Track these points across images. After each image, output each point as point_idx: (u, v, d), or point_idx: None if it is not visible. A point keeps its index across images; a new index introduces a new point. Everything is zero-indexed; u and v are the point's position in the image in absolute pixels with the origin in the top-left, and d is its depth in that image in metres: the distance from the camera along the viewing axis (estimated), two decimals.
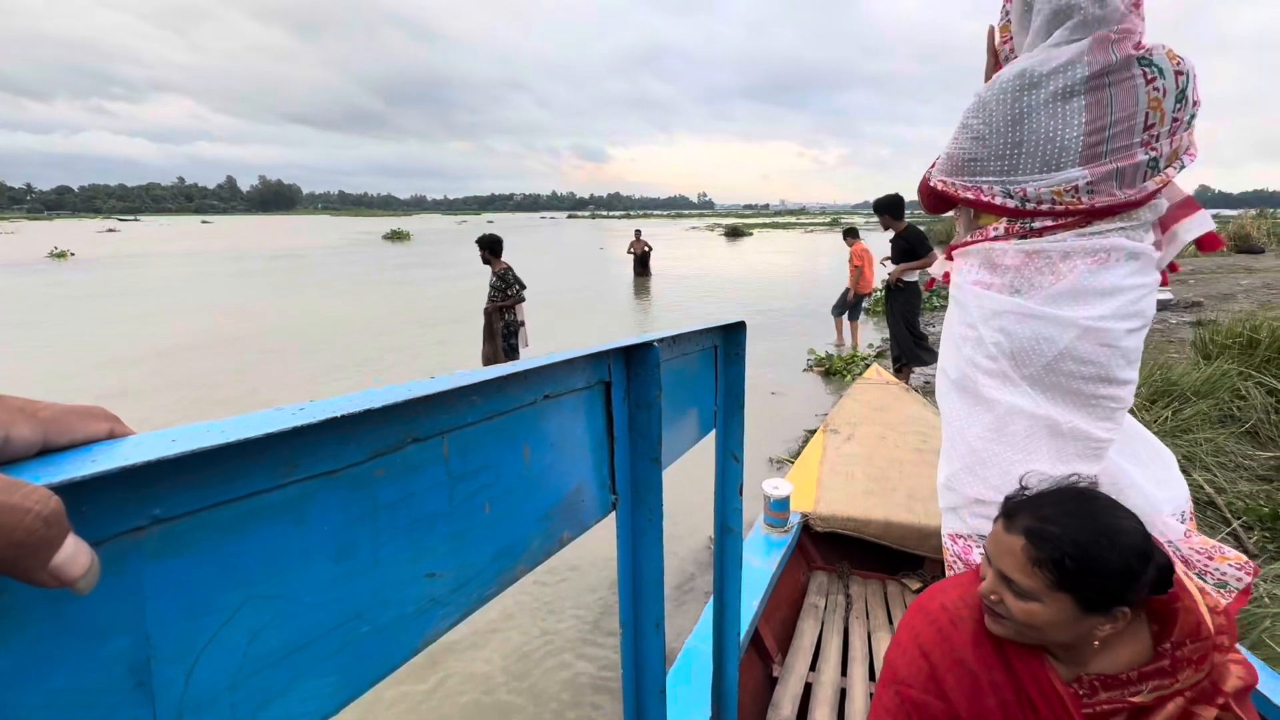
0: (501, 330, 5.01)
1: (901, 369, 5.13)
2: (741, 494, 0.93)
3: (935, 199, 1.46)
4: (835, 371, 5.74)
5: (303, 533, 0.30)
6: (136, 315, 9.31)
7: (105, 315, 9.32)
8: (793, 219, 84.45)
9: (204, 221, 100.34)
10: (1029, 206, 1.28)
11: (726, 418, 0.91)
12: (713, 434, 0.89)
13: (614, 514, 0.62)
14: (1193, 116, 1.27)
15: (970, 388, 1.38)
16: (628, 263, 13.85)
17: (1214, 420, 3.37)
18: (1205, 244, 1.36)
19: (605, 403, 0.59)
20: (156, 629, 0.24)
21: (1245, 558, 1.34)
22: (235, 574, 0.27)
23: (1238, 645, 1.31)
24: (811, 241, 30.17)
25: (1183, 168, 1.28)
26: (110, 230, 54.73)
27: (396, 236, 35.46)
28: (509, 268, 4.99)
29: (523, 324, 5.14)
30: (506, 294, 4.89)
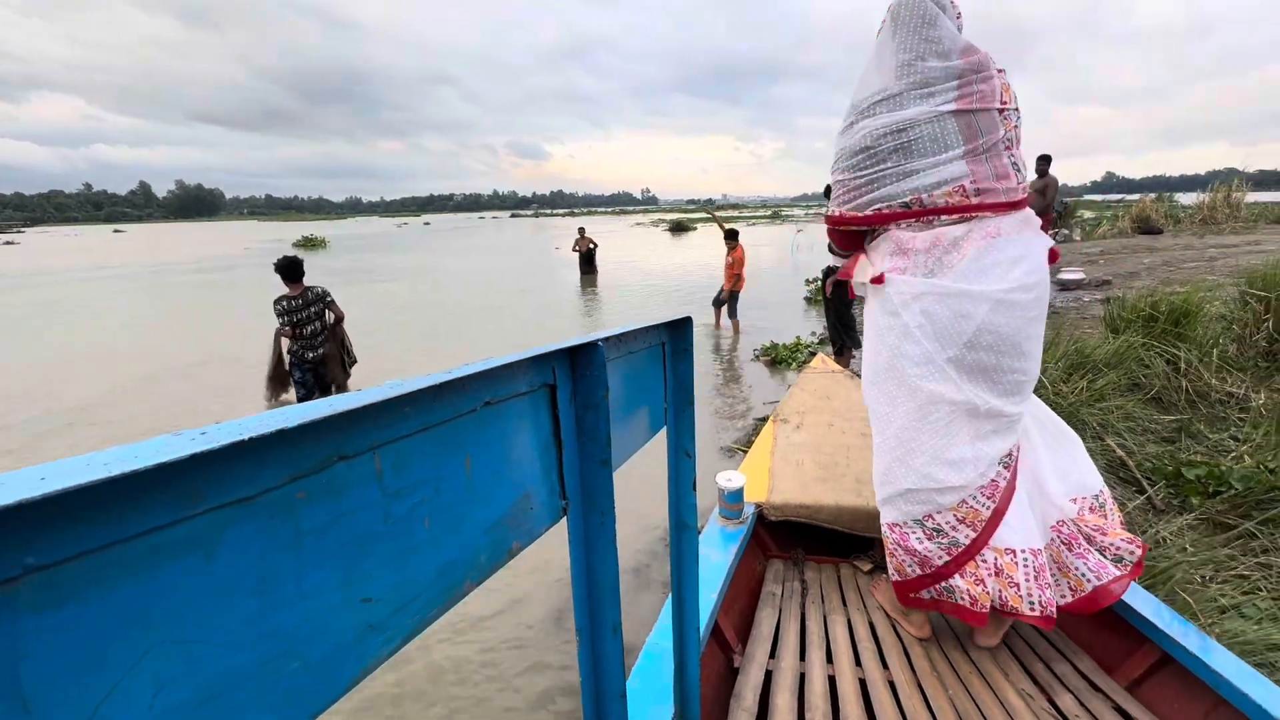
0: (292, 359, 4.73)
1: (842, 353, 5.30)
2: (695, 489, 0.93)
3: (846, 234, 1.57)
4: (781, 360, 5.88)
5: (214, 568, 0.27)
6: None
7: None
8: (735, 212, 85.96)
9: (116, 230, 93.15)
10: (922, 206, 1.39)
11: (677, 414, 0.91)
12: (664, 431, 0.89)
13: (565, 519, 0.61)
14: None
15: (895, 377, 1.46)
16: (574, 261, 13.76)
17: (1124, 388, 3.63)
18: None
19: (551, 406, 0.58)
20: (37, 692, 0.21)
21: (1132, 536, 1.46)
22: (135, 620, 0.24)
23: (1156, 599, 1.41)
24: (752, 235, 30.77)
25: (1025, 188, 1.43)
26: (8, 243, 50.33)
27: (310, 244, 31.02)
28: (294, 294, 4.61)
29: (332, 357, 4.83)
30: (284, 321, 4.60)
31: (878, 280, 1.50)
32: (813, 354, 5.37)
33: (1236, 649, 1.75)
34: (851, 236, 1.58)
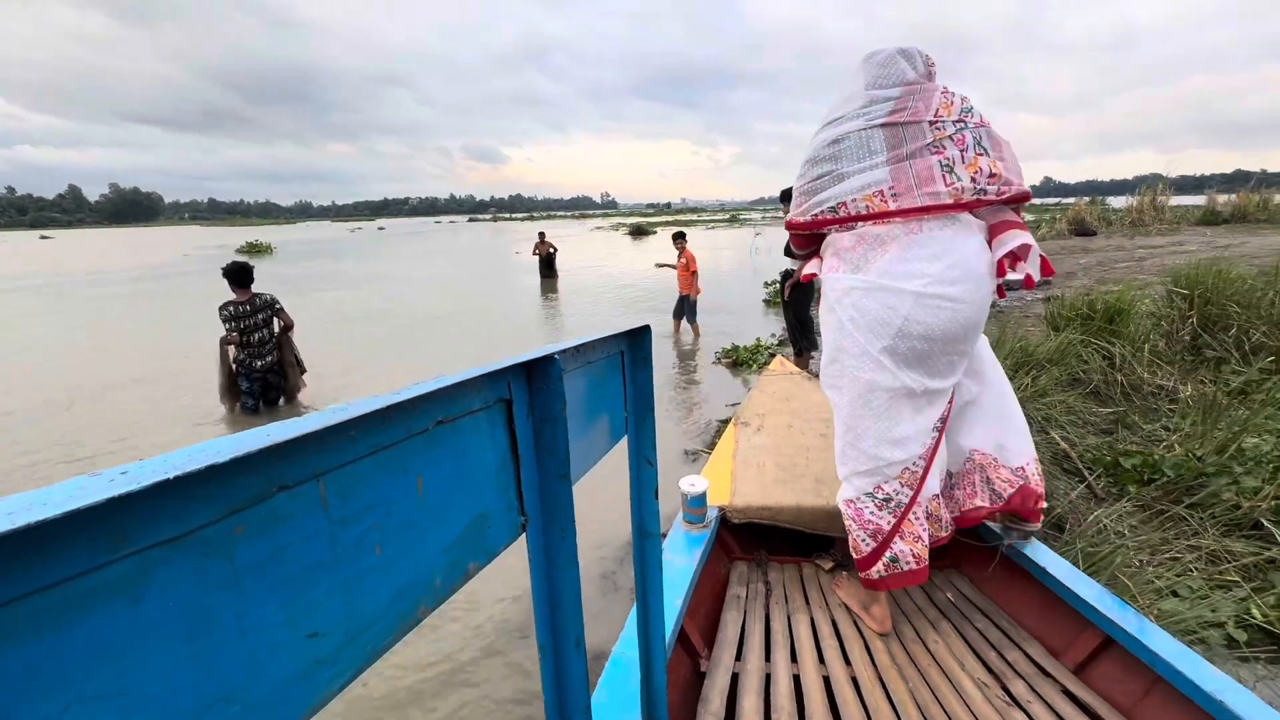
0: (239, 368, 4.61)
1: (800, 354, 5.41)
2: (657, 497, 0.93)
3: (795, 236, 1.74)
4: (742, 362, 5.95)
5: (141, 614, 0.26)
6: None
7: None
8: (694, 216, 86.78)
9: (43, 236, 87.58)
10: (850, 212, 1.53)
11: (638, 423, 0.91)
12: (625, 440, 0.88)
13: (524, 536, 0.60)
14: (978, 141, 1.48)
15: (838, 368, 1.60)
16: (534, 265, 13.67)
17: (1065, 384, 3.81)
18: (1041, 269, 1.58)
19: (507, 422, 0.57)
20: None
21: (1013, 479, 1.65)
22: (51, 676, 0.22)
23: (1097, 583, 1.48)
24: (712, 238, 31.11)
25: (982, 193, 1.46)
26: None
27: (255, 250, 28.90)
28: (242, 300, 4.51)
29: (289, 364, 4.73)
30: (230, 327, 4.50)
31: (808, 278, 1.71)
32: (773, 355, 5.46)
33: (1172, 628, 1.85)
34: (807, 239, 1.72)
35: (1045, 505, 1.71)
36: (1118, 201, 18.93)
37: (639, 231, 37.82)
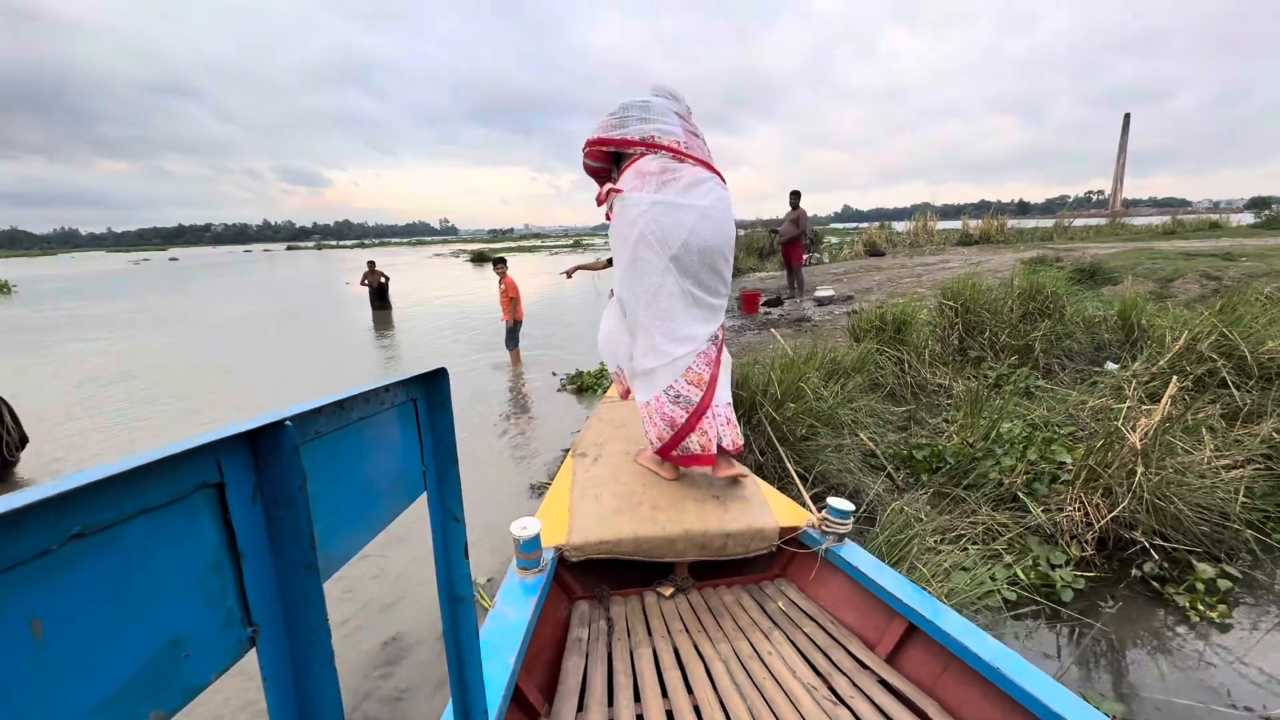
0: None
1: None
2: (467, 556, 0.84)
3: (594, 153, 2.20)
4: (586, 388, 5.95)
5: None
6: None
7: None
8: (538, 242, 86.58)
9: None
10: (660, 143, 2.07)
11: (440, 476, 0.81)
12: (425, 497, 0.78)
13: (255, 650, 0.48)
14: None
15: (636, 274, 2.04)
16: (365, 297, 12.59)
17: (867, 388, 4.31)
18: None
19: (220, 511, 0.45)
20: None
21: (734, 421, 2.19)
22: None
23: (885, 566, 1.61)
24: (555, 264, 31.21)
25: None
26: None
27: None
28: None
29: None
30: None
31: (618, 191, 2.08)
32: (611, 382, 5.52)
33: (960, 604, 2.11)
34: (601, 172, 2.25)
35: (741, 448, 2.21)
36: (900, 226, 22.24)
37: (481, 258, 36.86)
